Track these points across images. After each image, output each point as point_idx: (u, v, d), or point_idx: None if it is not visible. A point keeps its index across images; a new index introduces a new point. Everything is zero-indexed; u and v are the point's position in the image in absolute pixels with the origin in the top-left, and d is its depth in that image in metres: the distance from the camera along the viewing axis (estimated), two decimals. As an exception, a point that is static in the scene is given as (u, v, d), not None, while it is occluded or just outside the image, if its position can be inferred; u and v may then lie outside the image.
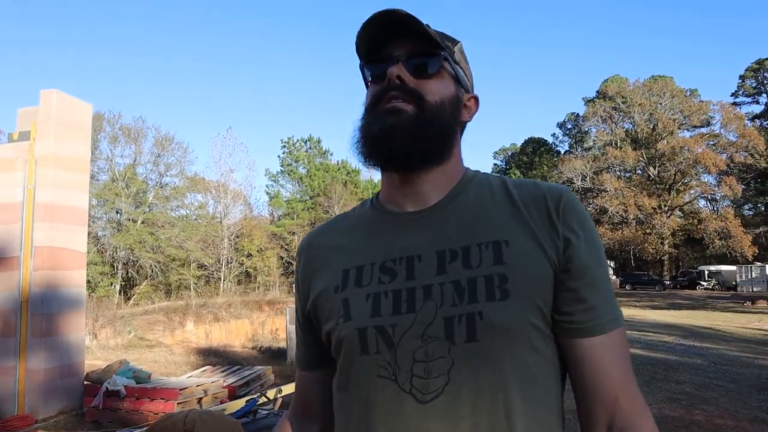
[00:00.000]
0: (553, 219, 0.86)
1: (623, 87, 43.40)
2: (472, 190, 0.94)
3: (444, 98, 0.91)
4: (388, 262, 0.89)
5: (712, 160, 36.63)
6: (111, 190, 29.74)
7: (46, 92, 5.77)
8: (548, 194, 0.89)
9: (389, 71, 0.89)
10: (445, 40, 0.94)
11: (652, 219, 37.94)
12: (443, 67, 0.92)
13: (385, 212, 0.97)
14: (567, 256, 0.84)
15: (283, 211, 39.67)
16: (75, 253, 6.03)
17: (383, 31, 0.91)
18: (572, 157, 43.93)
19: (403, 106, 0.87)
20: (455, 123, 0.94)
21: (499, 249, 0.84)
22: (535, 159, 52.21)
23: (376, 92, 0.91)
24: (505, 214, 0.89)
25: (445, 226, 0.89)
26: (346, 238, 0.98)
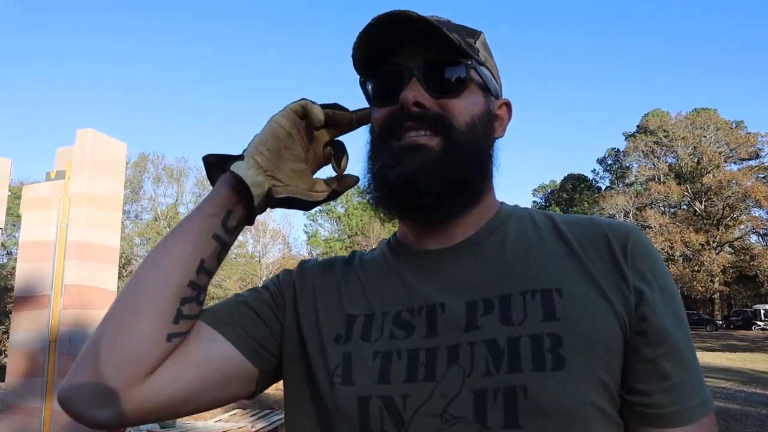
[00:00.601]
0: (620, 264, 0.68)
1: (665, 121, 42.54)
2: (512, 226, 0.77)
3: (474, 118, 0.74)
4: (404, 313, 0.71)
5: (763, 194, 35.20)
6: (153, 229, 30.49)
7: (82, 131, 5.86)
8: (611, 232, 0.72)
9: (404, 97, 0.71)
10: (465, 36, 0.75)
11: (700, 255, 36.45)
12: (471, 78, 0.74)
13: (403, 251, 0.80)
14: (640, 313, 0.66)
15: (321, 250, 39.86)
16: (105, 291, 6.01)
17: (388, 36, 0.72)
18: (614, 193, 42.93)
19: (426, 140, 0.71)
20: (490, 147, 0.77)
21: (549, 299, 0.66)
22: (575, 196, 51.31)
23: (388, 121, 0.74)
24: (557, 255, 0.71)
25: (478, 268, 0.72)
26: (355, 275, 0.80)
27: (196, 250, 0.69)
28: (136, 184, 32.00)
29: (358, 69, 0.77)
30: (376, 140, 0.76)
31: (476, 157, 0.73)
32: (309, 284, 0.80)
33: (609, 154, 49.86)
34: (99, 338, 0.65)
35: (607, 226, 0.73)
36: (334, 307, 0.76)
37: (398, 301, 0.72)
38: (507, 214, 0.79)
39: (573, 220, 0.77)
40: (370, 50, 0.74)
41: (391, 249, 0.82)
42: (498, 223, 0.77)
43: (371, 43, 0.73)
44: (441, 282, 0.72)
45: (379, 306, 0.73)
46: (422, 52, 0.73)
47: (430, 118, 0.71)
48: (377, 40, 0.72)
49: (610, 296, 0.66)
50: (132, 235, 30.70)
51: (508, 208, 0.82)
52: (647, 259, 0.69)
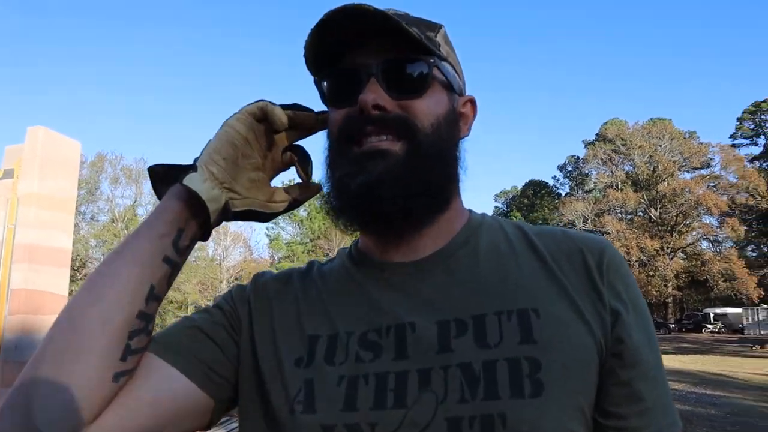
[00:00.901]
0: (596, 281, 0.66)
1: (622, 129, 43.77)
2: (484, 238, 0.73)
3: (439, 119, 0.69)
4: (371, 333, 0.65)
5: (713, 202, 36.57)
6: (110, 231, 29.63)
7: (32, 129, 5.65)
8: (585, 247, 0.69)
9: (362, 99, 0.65)
10: (424, 30, 0.70)
11: (655, 261, 37.61)
12: (433, 76, 0.69)
13: (366, 263, 0.74)
14: (616, 335, 0.63)
15: (283, 253, 39.44)
16: (55, 296, 5.78)
17: (343, 32, 0.67)
18: (573, 199, 43.91)
19: (388, 145, 0.66)
20: (455, 148, 0.73)
21: (527, 320, 0.62)
22: (536, 201, 52.27)
23: (346, 125, 0.68)
24: (531, 271, 0.68)
25: (448, 284, 0.67)
26: (315, 290, 0.73)
27: (144, 276, 0.61)
28: (93, 185, 31.06)
29: (310, 68, 0.72)
30: (335, 146, 0.70)
31: (442, 161, 0.69)
32: (265, 301, 0.74)
33: (569, 161, 51.00)
34: (30, 383, 0.56)
35: (581, 240, 0.70)
36: (293, 326, 0.70)
37: (364, 320, 0.67)
38: (477, 223, 0.75)
39: (544, 232, 0.73)
40: (323, 48, 0.69)
41: (353, 260, 0.76)
42: (469, 234, 0.73)
43: (324, 40, 0.67)
44: (409, 299, 0.67)
45: (343, 325, 0.67)
46: (380, 49, 0.68)
47: (391, 121, 0.66)
48: (331, 36, 0.67)
49: (586, 316, 0.63)
50: (87, 237, 29.78)
51: (478, 217, 0.77)
52: (622, 277, 0.67)
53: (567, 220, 40.83)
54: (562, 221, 41.38)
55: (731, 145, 43.88)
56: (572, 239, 0.70)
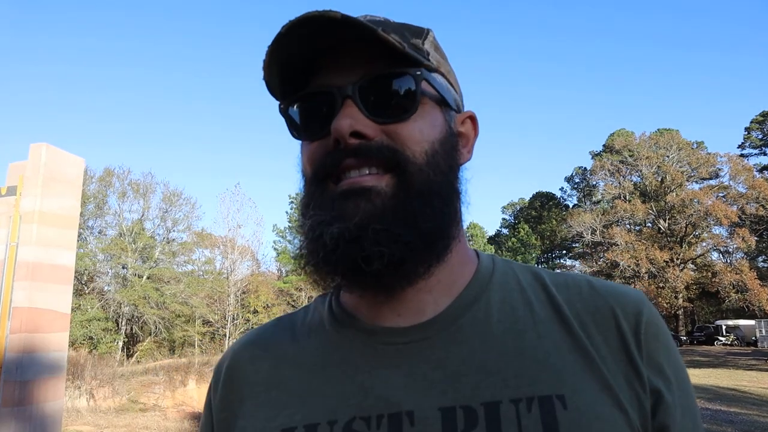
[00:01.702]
0: (632, 353, 0.55)
1: (630, 140, 43.54)
2: (496, 295, 0.60)
3: (434, 144, 0.57)
4: (357, 422, 0.54)
5: (723, 212, 36.18)
6: (118, 245, 29.65)
7: (35, 146, 5.62)
8: (618, 307, 0.58)
9: (336, 127, 0.54)
10: (410, 38, 0.58)
11: (665, 272, 37.17)
12: (423, 91, 0.57)
13: (351, 326, 0.61)
14: (659, 423, 0.54)
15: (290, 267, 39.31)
16: (57, 314, 5.72)
17: (308, 47, 0.55)
18: (581, 210, 43.67)
19: (372, 181, 0.54)
20: (455, 179, 0.60)
21: (550, 411, 0.51)
22: (544, 213, 52.01)
23: (321, 159, 0.57)
24: (555, 343, 0.55)
25: (455, 359, 0.55)
26: (289, 365, 0.61)
27: None
28: (101, 199, 31.14)
29: (274, 93, 0.60)
30: (308, 188, 0.59)
31: (440, 197, 0.56)
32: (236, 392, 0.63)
33: (576, 172, 50.80)
34: None
35: (612, 297, 0.58)
36: (266, 416, 0.58)
37: (349, 404, 0.55)
38: (488, 274, 0.62)
39: (567, 284, 0.61)
40: (286, 69, 0.57)
41: (334, 319, 0.63)
42: (478, 290, 0.60)
43: (285, 59, 0.56)
44: (406, 376, 0.55)
45: (324, 412, 0.55)
46: (357, 65, 0.56)
47: (375, 151, 0.54)
48: (292, 54, 0.55)
49: (623, 402, 0.52)
50: (95, 252, 29.80)
51: (488, 264, 0.64)
52: (662, 345, 0.57)
53: (575, 232, 40.59)
54: (570, 233, 41.21)
55: (740, 155, 43.52)
56: (601, 295, 0.59)
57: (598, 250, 40.19)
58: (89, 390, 12.33)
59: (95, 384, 12.76)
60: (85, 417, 10.37)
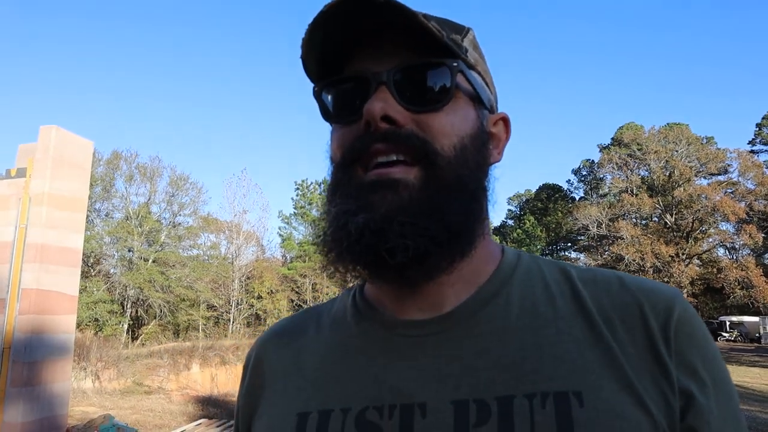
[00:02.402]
0: (660, 351, 0.53)
1: (638, 134, 43.27)
2: (518, 290, 0.59)
3: (464, 140, 0.56)
4: (370, 411, 0.54)
5: (730, 208, 35.99)
6: (124, 228, 29.80)
7: (45, 128, 5.62)
8: (648, 303, 0.55)
9: (368, 109, 0.54)
10: (450, 33, 0.58)
11: (670, 267, 37.08)
12: (458, 85, 0.57)
13: (371, 318, 0.62)
14: (688, 425, 0.51)
15: (295, 253, 39.42)
16: (65, 296, 5.75)
17: (346, 30, 0.55)
18: (587, 203, 43.48)
19: (401, 173, 0.53)
20: (484, 177, 0.60)
21: (566, 408, 0.49)
22: (550, 205, 51.85)
23: (350, 143, 0.57)
24: (576, 340, 0.54)
25: (471, 352, 0.55)
26: (309, 353, 0.63)
27: None
28: (108, 182, 31.25)
29: (310, 75, 0.60)
30: (337, 172, 0.58)
31: (467, 193, 0.55)
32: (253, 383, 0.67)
33: (584, 165, 50.53)
34: None
35: (642, 292, 0.56)
36: (284, 402, 0.60)
37: (363, 394, 0.55)
38: (510, 269, 0.61)
39: (596, 279, 0.59)
40: (324, 50, 0.57)
41: (357, 311, 0.64)
42: (499, 285, 0.59)
43: (325, 39, 0.56)
44: (421, 369, 0.55)
45: (338, 400, 0.56)
46: (396, 52, 0.56)
47: (404, 138, 0.54)
48: (332, 35, 0.55)
49: (647, 402, 0.50)
50: (102, 234, 29.96)
51: (512, 258, 0.63)
52: (697, 343, 0.54)
53: (581, 225, 40.49)
54: (576, 225, 41.12)
55: (750, 152, 43.21)
56: (630, 291, 0.57)
57: (603, 244, 40.11)
58: (95, 371, 12.45)
59: (101, 366, 12.88)
60: (90, 398, 10.49)
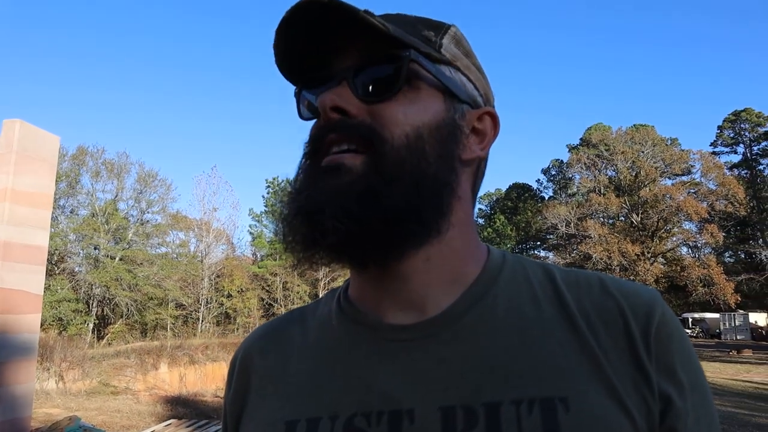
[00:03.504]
0: (641, 356, 0.54)
1: (606, 135, 44.13)
2: (504, 292, 0.59)
3: (421, 129, 0.56)
4: (358, 418, 0.54)
5: (693, 208, 37.01)
6: (90, 226, 29.10)
7: (8, 122, 5.46)
8: (628, 307, 0.56)
9: (320, 101, 0.57)
10: (421, 29, 0.60)
11: (636, 266, 37.95)
12: (416, 75, 0.57)
13: (357, 321, 0.62)
14: (667, 427, 0.52)
15: (266, 251, 39.15)
16: (29, 295, 5.60)
17: (309, 34, 0.58)
18: (556, 203, 44.15)
19: (349, 159, 0.55)
20: (448, 169, 0.59)
21: (552, 414, 0.50)
22: (520, 204, 52.52)
23: (311, 135, 0.60)
24: (560, 343, 0.55)
25: (457, 358, 0.55)
26: (296, 359, 0.63)
27: None
28: (73, 178, 30.44)
29: (287, 77, 0.63)
30: (302, 160, 0.60)
31: (416, 183, 0.55)
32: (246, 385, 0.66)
33: (553, 165, 51.36)
34: None
35: (623, 296, 0.57)
36: (272, 409, 0.60)
37: (351, 401, 0.55)
38: (496, 270, 0.61)
39: (578, 282, 0.60)
40: (291, 55, 0.60)
41: (343, 315, 0.63)
42: (485, 287, 0.59)
43: (287, 46, 0.59)
44: (408, 374, 0.55)
45: (326, 407, 0.56)
46: (357, 49, 0.58)
47: (353, 128, 0.56)
48: (294, 41, 0.58)
49: (629, 406, 0.51)
50: (67, 231, 29.20)
51: (498, 258, 0.63)
52: (676, 347, 0.55)
53: (550, 224, 41.14)
54: (545, 224, 41.74)
55: (712, 153, 44.50)
56: (612, 294, 0.57)
57: (571, 242, 40.81)
58: (58, 372, 12.14)
59: (65, 366, 12.57)
60: (54, 399, 10.23)
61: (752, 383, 14.38)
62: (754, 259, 41.99)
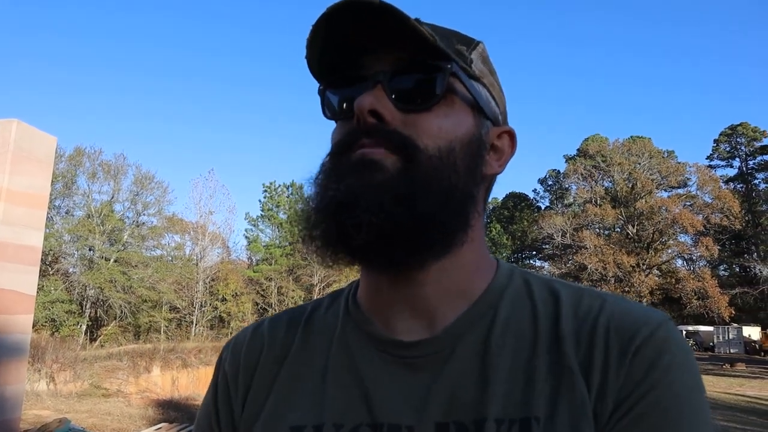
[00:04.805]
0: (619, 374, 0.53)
1: (603, 146, 44.31)
2: (505, 310, 0.60)
3: (453, 143, 0.57)
4: (363, 429, 0.56)
5: (689, 221, 37.13)
6: (85, 227, 29.03)
7: (5, 121, 5.45)
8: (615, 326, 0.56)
9: (358, 103, 0.55)
10: (455, 43, 0.60)
11: (631, 277, 38.00)
12: (452, 89, 0.58)
13: (365, 331, 0.62)
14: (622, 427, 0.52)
15: (261, 256, 39.05)
16: (22, 295, 5.58)
17: (349, 32, 0.57)
18: (553, 213, 44.29)
19: (379, 155, 0.54)
20: (474, 183, 0.59)
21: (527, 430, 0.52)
22: (516, 213, 52.61)
23: (342, 136, 0.59)
24: (549, 364, 0.55)
25: (455, 375, 0.57)
26: (298, 363, 0.63)
27: None
28: (70, 179, 30.38)
29: (314, 74, 0.62)
30: (328, 157, 0.59)
31: (445, 194, 0.55)
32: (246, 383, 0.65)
33: (550, 175, 51.48)
34: None
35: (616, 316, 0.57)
36: (278, 413, 0.60)
37: (356, 413, 0.57)
38: (502, 287, 0.62)
39: (582, 302, 0.59)
40: (325, 50, 0.59)
41: (350, 320, 0.64)
42: (488, 304, 0.60)
43: (326, 41, 0.57)
44: (409, 391, 0.57)
45: (331, 416, 0.57)
46: (394, 53, 0.57)
47: (388, 135, 0.55)
48: (333, 37, 0.57)
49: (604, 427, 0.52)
50: (62, 232, 29.10)
51: (505, 273, 0.63)
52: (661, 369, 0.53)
53: (546, 234, 41.21)
54: (541, 234, 41.81)
55: (708, 166, 44.77)
56: (605, 315, 0.57)
57: (567, 253, 40.83)
58: (50, 373, 12.06)
59: (56, 367, 12.49)
60: (45, 401, 10.16)
61: (745, 397, 14.38)
62: (748, 273, 42.16)
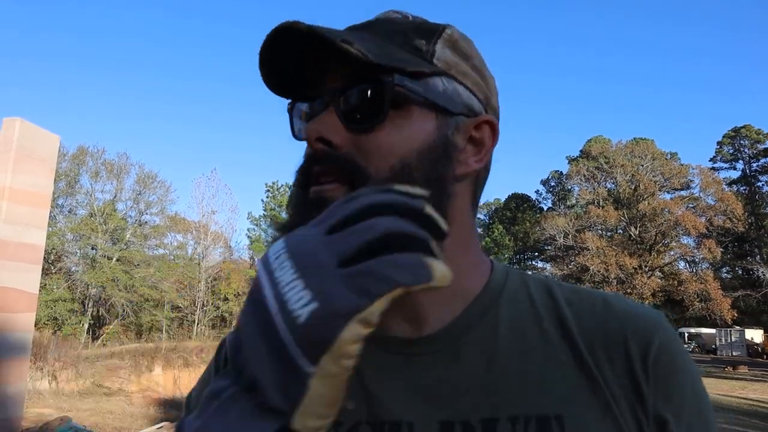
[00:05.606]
0: (638, 379, 0.53)
1: (606, 147, 44.26)
2: (505, 310, 0.59)
3: (407, 158, 0.53)
4: (362, 427, 0.55)
5: (691, 223, 37.08)
6: (88, 225, 29.05)
7: (8, 120, 5.46)
8: (629, 330, 0.56)
9: (306, 131, 0.54)
10: (412, 39, 0.56)
11: (633, 279, 37.94)
12: (404, 98, 0.54)
13: None
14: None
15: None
16: (24, 294, 5.58)
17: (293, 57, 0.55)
18: (555, 214, 44.25)
19: (330, 192, 0.52)
20: (437, 191, 0.54)
21: (547, 430, 0.51)
22: (518, 215, 52.53)
23: (301, 164, 0.57)
24: (560, 364, 0.55)
25: (458, 375, 0.56)
26: None
27: None
28: (72, 178, 30.42)
29: (278, 94, 0.60)
30: (291, 190, 0.58)
31: None
32: None
33: (552, 176, 51.46)
34: None
35: (626, 319, 0.56)
36: None
37: (356, 410, 0.55)
38: (499, 287, 0.61)
39: (581, 301, 0.59)
40: (276, 76, 0.57)
41: None
42: (486, 305, 0.59)
43: (271, 68, 0.56)
44: (410, 389, 0.56)
45: None
46: (341, 73, 0.55)
47: (337, 161, 0.53)
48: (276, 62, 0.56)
49: (623, 427, 0.51)
50: (64, 231, 29.15)
51: (501, 273, 0.62)
52: (675, 371, 0.54)
53: (548, 235, 41.18)
54: (543, 235, 41.80)
55: (711, 168, 44.74)
56: (612, 315, 0.57)
57: (569, 254, 40.81)
58: (52, 372, 12.07)
59: (58, 366, 12.50)
60: (47, 399, 10.18)
61: (747, 400, 14.32)
62: (751, 276, 42.06)
